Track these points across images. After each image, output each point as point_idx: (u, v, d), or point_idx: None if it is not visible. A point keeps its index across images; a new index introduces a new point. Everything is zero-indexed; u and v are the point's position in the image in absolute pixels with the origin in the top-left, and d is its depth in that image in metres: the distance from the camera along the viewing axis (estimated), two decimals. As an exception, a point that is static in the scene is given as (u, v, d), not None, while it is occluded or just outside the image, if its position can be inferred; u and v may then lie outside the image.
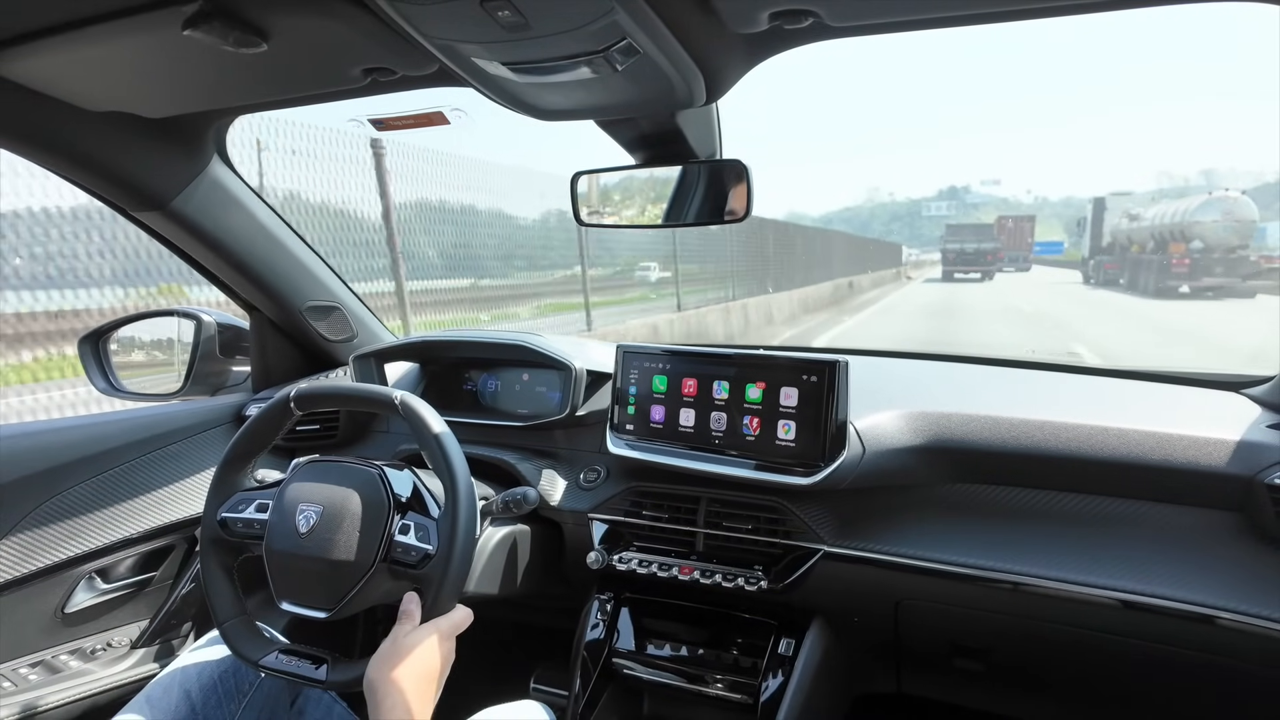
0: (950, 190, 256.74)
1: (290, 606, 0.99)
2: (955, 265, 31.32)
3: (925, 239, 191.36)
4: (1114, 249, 23.64)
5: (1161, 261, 18.81)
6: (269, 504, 1.03)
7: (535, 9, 0.75)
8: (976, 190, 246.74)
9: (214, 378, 1.69)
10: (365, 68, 1.03)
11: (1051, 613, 1.08)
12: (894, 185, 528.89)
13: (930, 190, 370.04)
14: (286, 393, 1.06)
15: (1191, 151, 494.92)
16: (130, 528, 1.39)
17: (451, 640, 0.92)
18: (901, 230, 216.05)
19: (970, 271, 31.05)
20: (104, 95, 1.13)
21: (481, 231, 7.45)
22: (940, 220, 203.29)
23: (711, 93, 1.00)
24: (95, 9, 0.87)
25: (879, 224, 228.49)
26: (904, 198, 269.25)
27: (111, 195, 1.34)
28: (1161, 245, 19.36)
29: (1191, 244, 18.13)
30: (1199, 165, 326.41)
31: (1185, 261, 18.18)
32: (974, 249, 31.13)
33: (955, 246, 31.64)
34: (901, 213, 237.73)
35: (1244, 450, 1.04)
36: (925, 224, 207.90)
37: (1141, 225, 20.94)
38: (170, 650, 1.49)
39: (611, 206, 1.31)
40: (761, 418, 1.17)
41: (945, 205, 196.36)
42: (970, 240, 31.76)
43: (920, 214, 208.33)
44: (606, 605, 1.33)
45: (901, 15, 0.85)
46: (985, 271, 30.91)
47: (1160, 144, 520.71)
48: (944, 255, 32.52)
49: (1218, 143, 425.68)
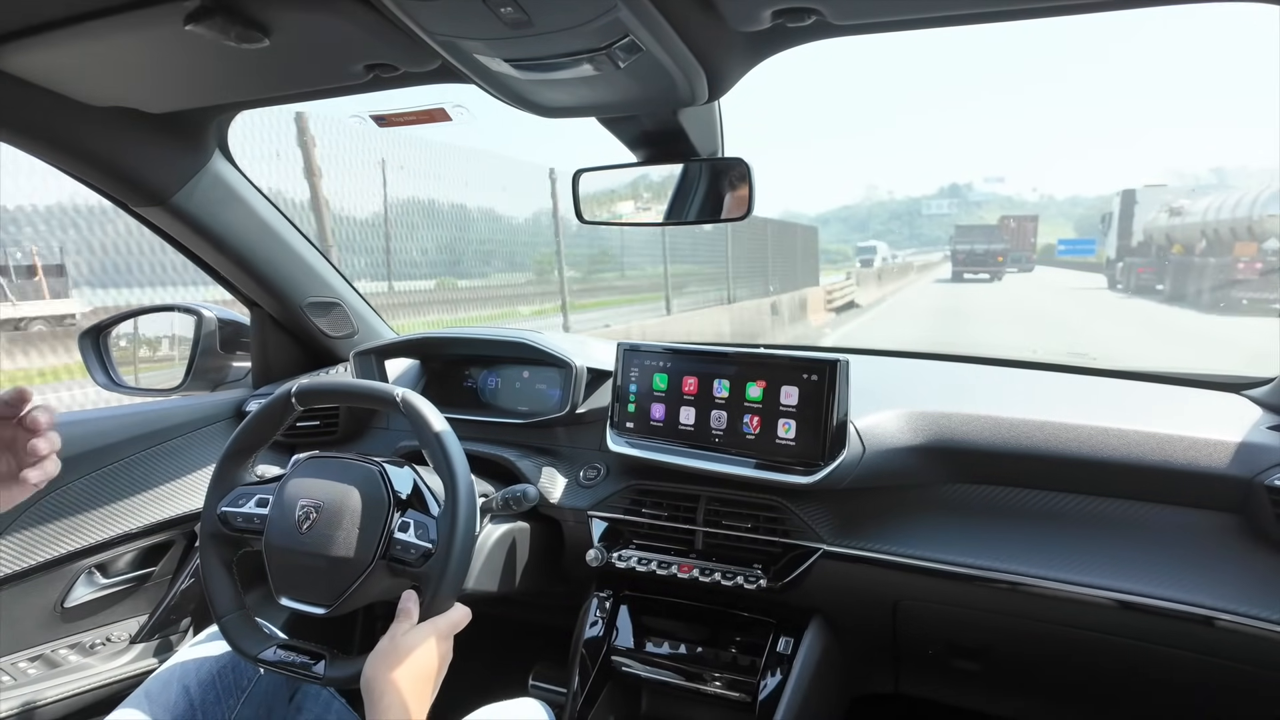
0: (952, 188, 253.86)
1: (289, 602, 0.99)
2: (965, 266, 31.59)
3: (925, 239, 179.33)
4: (1148, 249, 20.86)
5: (1219, 265, 15.85)
6: (269, 499, 1.03)
7: (538, 6, 0.75)
8: (979, 188, 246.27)
9: (214, 373, 1.69)
10: (367, 64, 1.03)
11: (1050, 613, 1.08)
12: (893, 184, 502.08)
13: (931, 188, 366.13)
14: (288, 388, 1.06)
15: (1200, 149, 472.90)
16: (130, 523, 1.40)
17: (449, 639, 0.91)
18: (900, 230, 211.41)
19: (979, 272, 31.32)
20: (106, 90, 1.13)
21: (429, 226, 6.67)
22: (941, 219, 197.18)
23: (714, 91, 1.00)
24: (98, 4, 0.87)
25: (877, 223, 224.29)
26: (903, 196, 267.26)
27: (113, 190, 1.34)
28: (1217, 245, 16.39)
29: (1265, 243, 15.04)
30: (1208, 163, 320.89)
31: (1256, 265, 15.07)
32: (983, 250, 31.37)
33: (965, 247, 31.86)
34: (901, 211, 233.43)
35: (1244, 452, 1.04)
36: (925, 223, 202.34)
37: (1189, 221, 17.89)
38: (169, 645, 1.49)
39: (613, 204, 1.31)
40: (762, 416, 1.17)
41: (946, 203, 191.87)
42: (979, 241, 32.03)
43: (920, 212, 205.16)
44: (605, 603, 1.33)
45: (905, 14, 0.85)
46: (994, 272, 31.10)
47: (1169, 140, 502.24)
48: (954, 256, 32.86)
49: (1229, 140, 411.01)
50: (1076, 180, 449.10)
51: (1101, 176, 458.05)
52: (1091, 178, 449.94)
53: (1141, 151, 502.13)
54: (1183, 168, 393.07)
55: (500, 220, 8.23)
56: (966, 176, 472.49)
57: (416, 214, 6.65)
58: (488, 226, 7.95)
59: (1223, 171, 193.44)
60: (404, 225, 6.46)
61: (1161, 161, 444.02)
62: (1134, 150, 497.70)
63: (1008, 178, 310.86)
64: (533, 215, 8.54)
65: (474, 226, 7.67)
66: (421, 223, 6.74)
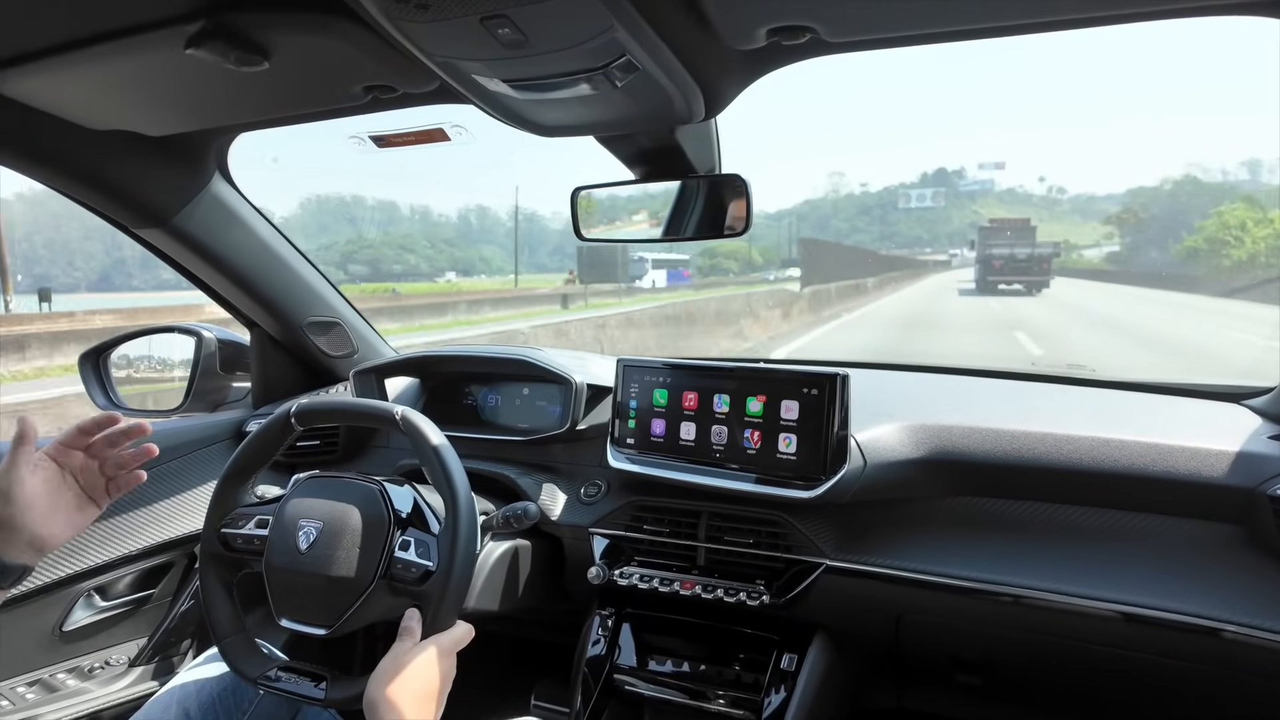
0: (939, 174, 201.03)
1: (289, 623, 0.98)
2: (1001, 274, 25.78)
3: (902, 239, 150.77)
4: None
5: None
6: (269, 520, 1.03)
7: (535, 26, 0.76)
8: (973, 175, 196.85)
9: (214, 394, 1.69)
10: (366, 85, 1.03)
11: (1053, 626, 1.08)
12: (865, 171, 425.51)
13: (912, 174, 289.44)
14: (287, 408, 1.06)
15: (1228, 142, 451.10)
16: (129, 544, 1.39)
17: (452, 657, 0.91)
18: (870, 227, 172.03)
19: (1013, 282, 25.67)
20: (106, 114, 1.14)
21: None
22: (921, 213, 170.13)
23: (710, 108, 1.01)
24: (98, 29, 0.88)
25: (842, 220, 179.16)
26: (880, 186, 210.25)
27: (113, 212, 1.35)
28: None
29: None
30: (1239, 156, 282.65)
31: None
32: (1026, 254, 25.54)
33: (1003, 251, 25.97)
34: (872, 204, 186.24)
35: (1246, 462, 1.04)
36: (902, 219, 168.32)
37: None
38: (169, 668, 1.48)
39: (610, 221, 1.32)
40: (762, 431, 1.17)
41: (930, 194, 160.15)
42: (1019, 243, 25.91)
43: (896, 205, 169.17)
44: (607, 621, 1.32)
45: (900, 30, 0.85)
46: (1033, 284, 25.45)
47: (1191, 132, 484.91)
48: (983, 262, 27.23)
49: (1260, 135, 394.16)
50: (1090, 173, 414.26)
51: (1116, 170, 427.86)
52: (1104, 171, 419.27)
53: (1162, 143, 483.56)
54: (1206, 161, 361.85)
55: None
56: (958, 161, 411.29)
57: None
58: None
59: (1256, 165, 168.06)
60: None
61: (1182, 155, 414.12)
62: (1154, 142, 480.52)
63: (1009, 163, 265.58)
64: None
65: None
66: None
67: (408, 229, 25.92)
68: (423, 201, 33.45)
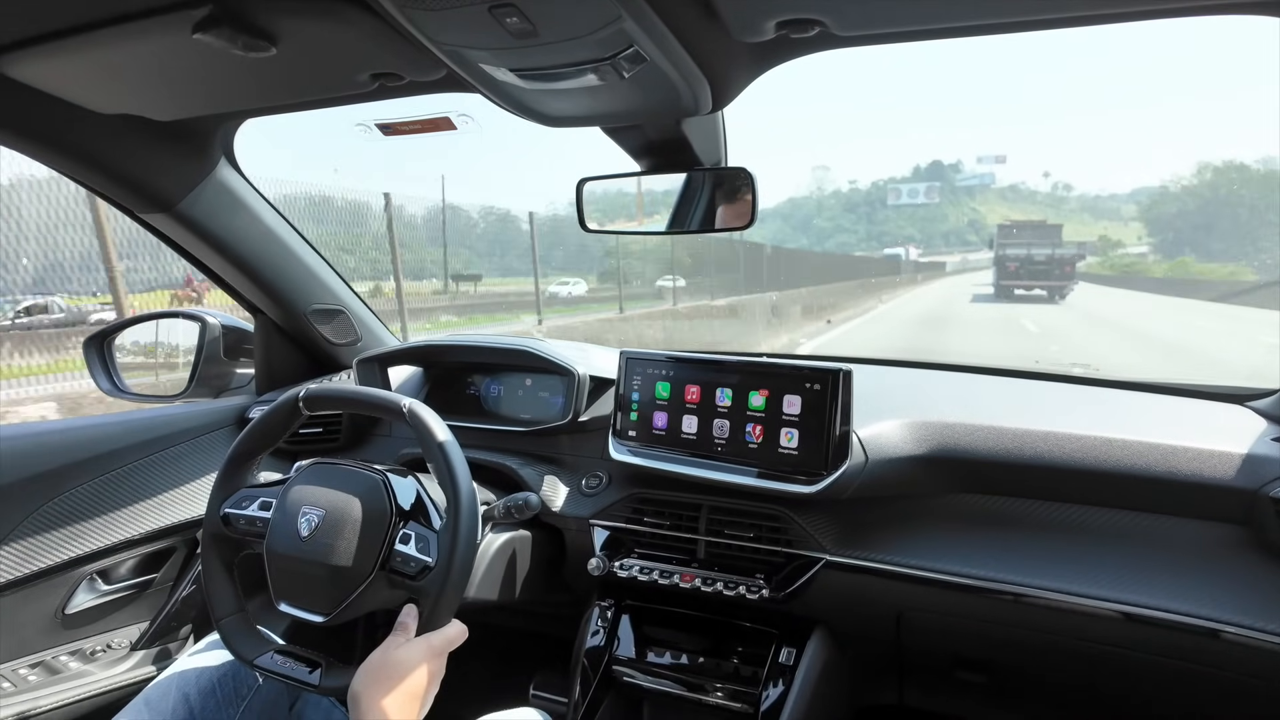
0: (933, 167, 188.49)
1: (288, 608, 0.99)
2: (1018, 278, 24.27)
3: (892, 237, 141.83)
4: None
5: None
6: (272, 502, 1.03)
7: (543, 16, 0.75)
8: (971, 169, 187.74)
9: (217, 380, 1.69)
10: (373, 73, 1.03)
11: (1054, 624, 1.08)
12: (853, 166, 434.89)
13: (904, 168, 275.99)
14: (296, 393, 1.06)
15: (1239, 138, 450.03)
16: (132, 529, 1.40)
17: (442, 657, 0.90)
18: (856, 226, 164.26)
19: (1034, 286, 24.20)
20: (113, 98, 1.14)
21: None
22: (913, 209, 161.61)
23: (717, 100, 1.01)
24: (105, 13, 0.88)
25: (826, 219, 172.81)
26: (868, 182, 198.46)
27: (119, 197, 1.35)
28: None
29: None
30: (1256, 153, 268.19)
31: None
32: (1045, 256, 23.88)
33: (1020, 252, 24.45)
34: (859, 202, 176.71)
35: (1249, 463, 1.04)
36: (891, 216, 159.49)
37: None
38: (169, 653, 1.49)
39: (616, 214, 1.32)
40: (764, 425, 1.17)
41: (923, 189, 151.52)
42: (1037, 244, 24.28)
43: (885, 202, 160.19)
44: (607, 612, 1.33)
45: (910, 24, 0.85)
46: (1055, 288, 23.88)
47: (1204, 129, 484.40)
48: (1001, 265, 25.64)
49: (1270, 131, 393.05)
50: (1100, 170, 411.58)
51: (1126, 167, 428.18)
52: (1114, 168, 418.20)
53: (1174, 139, 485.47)
54: (1218, 157, 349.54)
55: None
56: (955, 154, 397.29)
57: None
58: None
59: (1272, 160, 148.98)
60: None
61: (1195, 153, 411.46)
62: (1167, 138, 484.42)
63: (1010, 157, 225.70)
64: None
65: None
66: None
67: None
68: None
